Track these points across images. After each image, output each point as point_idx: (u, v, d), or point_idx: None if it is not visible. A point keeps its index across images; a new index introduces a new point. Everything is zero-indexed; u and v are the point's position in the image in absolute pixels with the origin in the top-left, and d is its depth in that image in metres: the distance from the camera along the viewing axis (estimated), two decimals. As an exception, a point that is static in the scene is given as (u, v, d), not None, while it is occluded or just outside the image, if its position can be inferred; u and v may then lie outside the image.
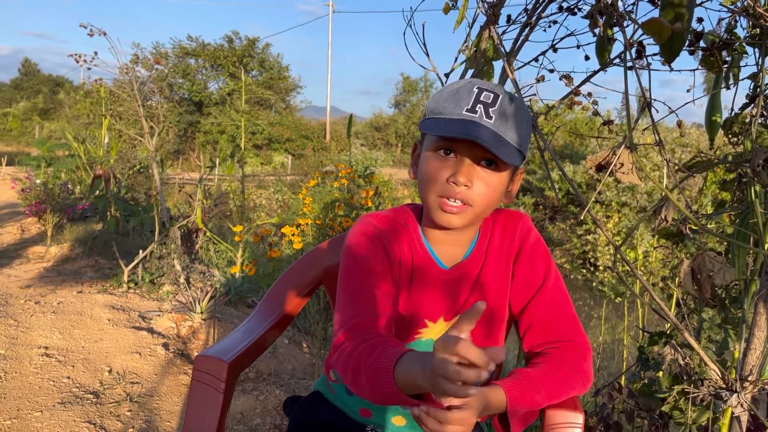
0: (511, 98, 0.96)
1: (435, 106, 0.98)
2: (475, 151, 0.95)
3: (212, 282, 4.07)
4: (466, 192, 0.95)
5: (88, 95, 19.40)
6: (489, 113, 0.93)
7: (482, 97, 0.94)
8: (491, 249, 1.08)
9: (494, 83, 1.03)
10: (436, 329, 1.09)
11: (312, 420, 1.15)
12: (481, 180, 0.96)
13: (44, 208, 6.00)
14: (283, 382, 2.83)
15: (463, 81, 0.99)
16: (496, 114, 0.94)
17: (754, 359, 1.09)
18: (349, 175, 3.78)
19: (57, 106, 32.56)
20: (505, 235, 1.09)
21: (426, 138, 1.01)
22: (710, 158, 1.29)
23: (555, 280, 1.07)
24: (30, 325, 3.15)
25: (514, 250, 1.08)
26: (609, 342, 4.31)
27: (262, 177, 16.65)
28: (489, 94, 0.94)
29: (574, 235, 11.36)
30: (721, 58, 1.29)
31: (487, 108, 0.94)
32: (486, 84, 0.97)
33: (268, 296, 1.26)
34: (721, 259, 1.11)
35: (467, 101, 0.94)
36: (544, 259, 1.08)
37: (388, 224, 1.08)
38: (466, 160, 0.95)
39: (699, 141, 11.27)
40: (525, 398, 0.95)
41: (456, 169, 0.95)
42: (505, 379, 0.96)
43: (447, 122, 0.94)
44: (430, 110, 0.99)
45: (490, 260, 1.08)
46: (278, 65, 28.96)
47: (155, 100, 7.05)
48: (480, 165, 0.96)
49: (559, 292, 1.07)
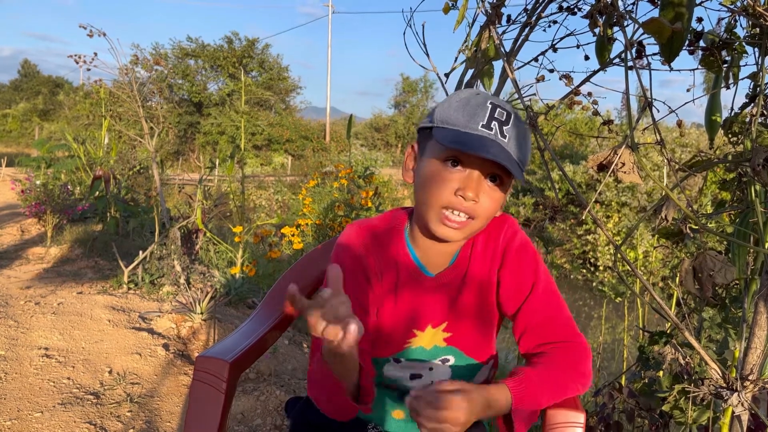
0: (519, 117, 0.98)
1: (445, 115, 0.97)
2: (485, 166, 0.95)
3: (212, 283, 4.07)
4: (473, 206, 0.96)
5: (88, 96, 19.40)
6: (503, 132, 0.94)
7: (496, 114, 0.95)
8: (475, 253, 1.08)
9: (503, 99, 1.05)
10: (425, 337, 1.09)
11: (312, 420, 1.15)
12: (486, 195, 0.97)
13: (44, 209, 6.00)
14: (284, 382, 2.83)
15: (472, 92, 0.99)
16: (509, 133, 0.95)
17: (755, 358, 1.09)
18: (349, 175, 3.78)
19: (57, 107, 32.56)
20: (489, 238, 1.08)
21: (430, 144, 0.99)
22: (710, 158, 1.29)
23: (545, 281, 1.06)
24: (30, 326, 3.15)
25: (498, 252, 1.07)
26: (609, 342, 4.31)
27: (262, 178, 16.64)
28: (503, 112, 0.95)
29: (574, 235, 11.36)
30: (720, 57, 1.28)
31: (502, 126, 0.94)
32: (498, 100, 0.98)
33: (268, 297, 1.26)
34: (722, 258, 1.11)
35: (482, 116, 0.94)
36: (532, 261, 1.07)
37: (372, 235, 1.08)
38: (475, 173, 0.95)
39: (699, 141, 11.28)
40: (529, 397, 0.95)
41: (465, 183, 0.95)
42: (509, 379, 0.96)
43: (463, 136, 0.94)
44: (441, 119, 0.97)
45: (474, 265, 1.07)
46: (278, 66, 28.95)
47: (155, 101, 7.05)
48: (486, 180, 0.97)
49: (550, 293, 1.06)
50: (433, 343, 1.09)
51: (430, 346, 1.09)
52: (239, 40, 27.70)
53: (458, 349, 1.09)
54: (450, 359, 1.09)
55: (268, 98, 27.76)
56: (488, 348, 1.12)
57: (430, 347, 1.09)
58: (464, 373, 1.09)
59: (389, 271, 1.06)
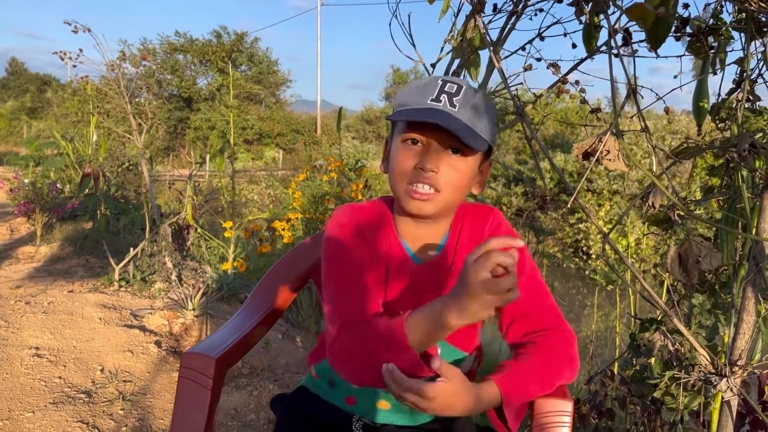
0: (475, 90, 1.01)
1: (402, 99, 1.03)
2: (441, 138, 0.98)
3: (204, 278, 4.05)
4: (434, 177, 0.98)
5: (76, 93, 19.23)
6: (453, 102, 0.98)
7: (446, 88, 0.99)
8: (461, 243, 1.08)
9: (459, 78, 1.08)
10: None
11: (300, 413, 1.15)
12: (448, 166, 0.99)
13: (33, 208, 5.95)
14: (277, 377, 2.83)
15: (430, 77, 1.04)
16: (459, 102, 0.98)
17: (743, 343, 1.09)
18: (339, 168, 3.77)
19: (45, 105, 32.29)
20: (474, 230, 1.09)
21: (395, 131, 1.04)
22: (698, 144, 1.29)
23: (531, 271, 1.08)
24: (21, 326, 3.12)
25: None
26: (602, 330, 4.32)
27: (253, 172, 16.58)
28: (453, 86, 0.99)
29: (566, 223, 11.39)
30: (707, 43, 1.28)
31: (451, 97, 0.98)
32: (451, 78, 1.02)
33: (256, 290, 1.25)
34: (708, 244, 1.11)
35: (432, 92, 0.99)
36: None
37: (365, 215, 1.10)
38: (432, 144, 0.98)
39: (689, 128, 11.30)
40: (518, 389, 0.95)
41: (422, 156, 0.98)
42: (496, 374, 0.96)
43: (411, 111, 0.98)
44: (398, 104, 1.03)
45: (460, 255, 1.08)
46: (267, 60, 28.78)
47: (143, 96, 6.99)
48: (446, 152, 0.99)
49: (536, 283, 1.08)
50: None
51: None
52: (228, 35, 27.52)
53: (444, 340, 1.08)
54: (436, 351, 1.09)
55: (257, 92, 27.63)
56: (473, 339, 1.12)
57: None
58: None
59: (381, 252, 1.07)
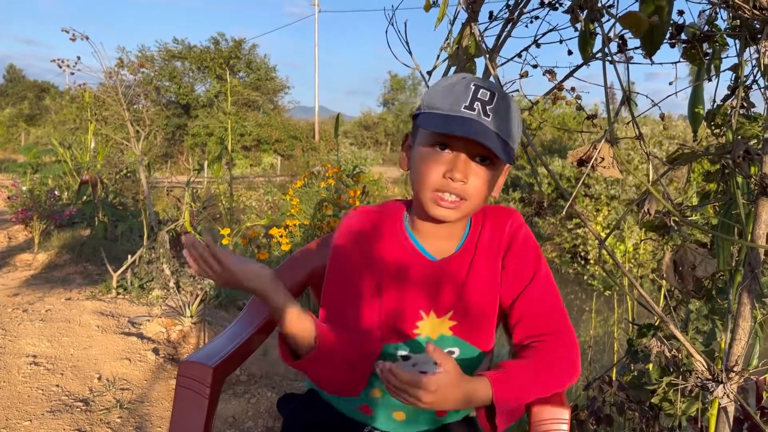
0: (505, 96, 0.98)
1: (431, 100, 0.99)
2: (471, 147, 0.96)
3: (202, 285, 4.04)
4: (462, 187, 0.97)
5: (74, 100, 19.24)
6: (486, 111, 0.95)
7: (480, 95, 0.96)
8: (481, 243, 1.09)
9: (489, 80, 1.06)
10: (429, 325, 1.08)
11: (307, 419, 1.15)
12: (475, 175, 0.98)
13: (31, 215, 5.94)
14: (275, 384, 2.82)
15: (458, 76, 1.00)
16: (493, 112, 0.96)
17: (740, 349, 1.09)
18: (337, 174, 3.77)
19: (43, 112, 32.33)
20: (495, 230, 1.10)
21: (420, 131, 1.02)
22: (693, 150, 1.30)
23: (545, 274, 1.09)
24: (18, 334, 3.12)
25: (504, 245, 1.09)
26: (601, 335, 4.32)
27: (251, 179, 16.57)
28: (486, 92, 0.96)
29: (564, 229, 11.39)
30: (702, 50, 1.29)
31: (485, 106, 0.95)
32: (482, 81, 0.98)
33: (253, 299, 1.25)
34: (703, 251, 1.11)
35: (465, 98, 0.96)
36: (534, 254, 1.10)
37: (370, 220, 1.10)
38: (462, 156, 0.97)
39: (686, 133, 11.32)
40: (512, 391, 0.95)
41: (452, 165, 0.97)
42: (491, 371, 0.96)
43: (445, 118, 0.95)
44: (426, 104, 0.99)
45: (479, 255, 1.08)
46: (265, 66, 28.85)
47: (141, 103, 6.99)
48: (474, 161, 0.98)
49: (549, 285, 1.09)
50: (439, 332, 1.08)
51: (436, 335, 1.08)
52: (226, 41, 27.60)
53: (464, 339, 1.09)
54: (455, 351, 1.09)
55: (255, 99, 27.66)
56: (491, 338, 1.12)
57: (436, 336, 1.08)
58: (469, 365, 1.08)
59: (389, 254, 1.07)
